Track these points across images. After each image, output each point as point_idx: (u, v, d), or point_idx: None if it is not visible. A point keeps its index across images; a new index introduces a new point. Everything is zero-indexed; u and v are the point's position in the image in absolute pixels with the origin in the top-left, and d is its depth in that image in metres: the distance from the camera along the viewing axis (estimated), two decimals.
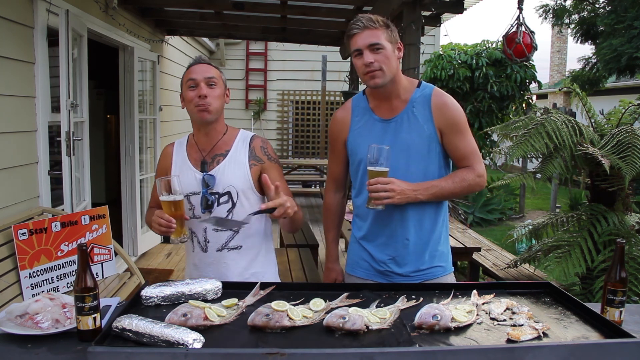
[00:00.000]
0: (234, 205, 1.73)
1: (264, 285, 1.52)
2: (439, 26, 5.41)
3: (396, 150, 1.70)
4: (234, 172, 1.74)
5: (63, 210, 3.24)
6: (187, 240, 1.71)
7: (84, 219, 3.08)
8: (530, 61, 6.90)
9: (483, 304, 1.43)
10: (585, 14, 8.94)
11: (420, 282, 1.76)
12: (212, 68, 1.74)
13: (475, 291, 1.49)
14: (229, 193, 1.73)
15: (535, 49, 4.33)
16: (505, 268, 3.87)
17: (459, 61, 7.62)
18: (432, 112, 1.72)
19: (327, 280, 1.96)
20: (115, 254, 3.34)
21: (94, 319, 1.24)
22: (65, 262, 2.93)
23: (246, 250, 1.78)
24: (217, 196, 1.73)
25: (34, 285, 2.76)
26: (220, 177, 1.73)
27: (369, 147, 1.64)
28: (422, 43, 3.68)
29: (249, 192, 1.75)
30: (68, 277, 2.95)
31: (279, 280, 1.88)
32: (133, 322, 1.20)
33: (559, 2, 9.27)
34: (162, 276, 4.64)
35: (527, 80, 7.66)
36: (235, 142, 1.78)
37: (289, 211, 1.58)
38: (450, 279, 1.86)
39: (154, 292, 1.42)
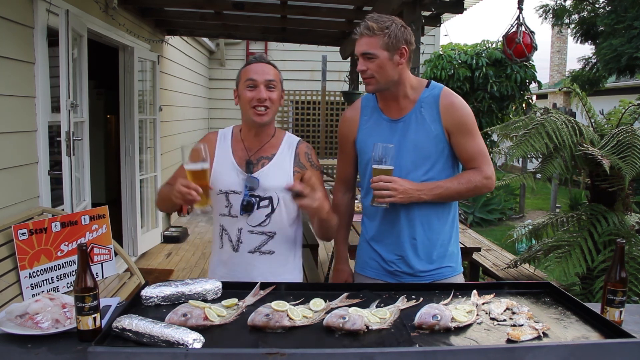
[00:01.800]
0: (273, 210, 1.72)
1: (264, 285, 1.52)
2: (439, 26, 5.41)
3: (404, 150, 1.71)
4: (278, 177, 1.72)
5: (63, 210, 3.24)
6: (211, 210, 1.65)
7: (84, 219, 3.08)
8: (530, 61, 6.90)
9: (483, 304, 1.43)
10: (585, 14, 8.94)
11: (429, 282, 1.75)
12: (272, 69, 1.71)
13: (475, 291, 1.49)
14: (270, 198, 1.71)
15: (535, 49, 4.32)
16: (505, 268, 3.87)
17: (459, 61, 7.62)
18: (440, 113, 1.71)
19: (337, 282, 1.94)
20: (115, 254, 3.34)
21: (94, 319, 1.24)
22: (65, 262, 2.93)
23: (278, 256, 1.76)
24: (257, 199, 1.71)
25: (34, 285, 2.76)
26: (264, 181, 1.71)
27: (374, 145, 1.65)
28: (422, 43, 3.69)
29: (288, 199, 1.71)
30: (68, 277, 2.95)
31: None
32: (133, 322, 1.20)
33: (559, 2, 9.27)
34: (162, 276, 4.65)
35: (527, 80, 7.66)
36: (282, 146, 1.77)
37: (315, 205, 1.54)
38: (460, 279, 1.86)
39: (154, 292, 1.42)
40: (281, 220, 1.73)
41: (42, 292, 2.50)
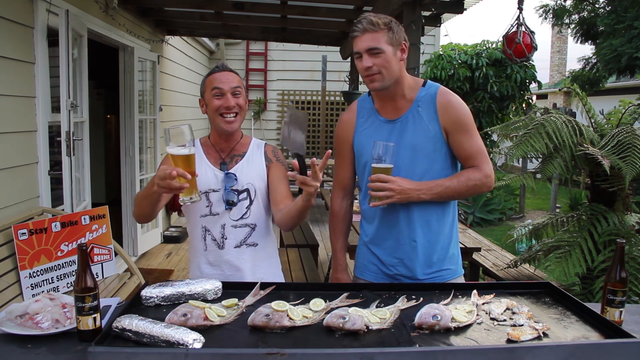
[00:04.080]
0: (251, 202, 1.78)
1: (264, 285, 1.52)
2: (439, 26, 5.41)
3: (401, 150, 1.69)
4: (252, 170, 1.80)
5: (63, 210, 3.24)
6: (199, 200, 1.54)
7: (84, 219, 3.09)
8: (530, 61, 6.89)
9: (483, 304, 1.43)
10: (585, 14, 8.95)
11: (429, 282, 1.74)
12: (236, 77, 1.78)
13: (475, 291, 1.49)
14: (247, 190, 1.78)
15: (535, 49, 4.33)
16: (505, 268, 3.87)
17: (459, 61, 7.61)
18: (437, 112, 1.70)
19: None
20: (115, 254, 3.34)
21: (94, 319, 1.24)
22: (65, 262, 2.94)
23: (260, 248, 1.81)
24: (236, 192, 1.76)
25: (34, 285, 2.76)
26: (240, 174, 1.77)
27: (374, 143, 1.64)
28: (422, 43, 3.69)
29: (264, 191, 1.81)
30: (68, 277, 2.95)
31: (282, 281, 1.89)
32: (133, 322, 1.20)
33: (559, 2, 9.28)
34: (162, 276, 4.65)
35: (527, 80, 7.65)
36: (251, 146, 1.86)
37: (312, 194, 1.51)
38: (460, 281, 1.84)
39: (154, 292, 1.42)
40: (259, 211, 1.80)
41: (42, 292, 2.50)
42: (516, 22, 4.30)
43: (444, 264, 1.78)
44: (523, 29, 4.25)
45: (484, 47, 7.86)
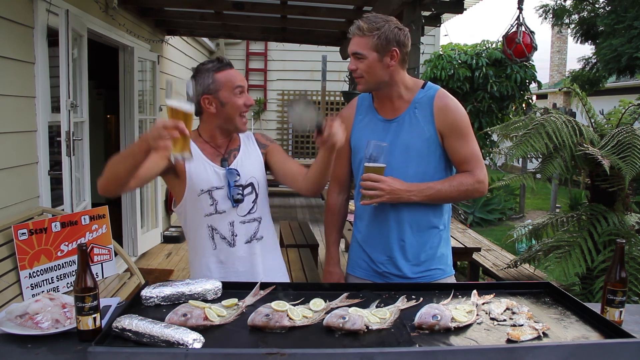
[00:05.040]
0: (257, 195, 1.77)
1: (264, 285, 1.52)
2: (439, 26, 5.42)
3: (396, 150, 1.70)
4: (252, 163, 1.79)
5: (63, 210, 3.24)
6: (190, 158, 1.42)
7: (84, 219, 3.09)
8: (530, 61, 6.89)
9: (483, 304, 1.43)
10: (585, 14, 8.95)
11: (428, 282, 1.74)
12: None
13: (475, 291, 1.49)
14: (252, 184, 1.77)
15: (535, 49, 4.33)
16: (505, 268, 3.87)
17: (459, 61, 7.60)
18: (433, 114, 1.71)
19: None
20: (115, 254, 3.34)
21: (94, 319, 1.24)
22: (65, 262, 2.94)
23: (266, 240, 1.81)
24: (241, 188, 1.74)
25: (34, 285, 2.76)
26: (241, 169, 1.75)
27: (367, 142, 1.65)
28: (422, 43, 3.69)
29: (264, 182, 1.81)
30: (68, 277, 2.95)
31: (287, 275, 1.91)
32: (133, 322, 1.20)
33: (559, 2, 9.28)
34: (162, 276, 4.65)
35: (527, 80, 7.64)
36: (242, 138, 1.85)
37: (334, 144, 1.48)
38: (450, 282, 1.85)
39: (154, 292, 1.42)
40: (263, 203, 1.80)
41: (42, 292, 2.50)
42: (516, 22, 4.30)
43: (433, 263, 1.79)
44: (523, 29, 4.26)
45: (484, 47, 7.85)
